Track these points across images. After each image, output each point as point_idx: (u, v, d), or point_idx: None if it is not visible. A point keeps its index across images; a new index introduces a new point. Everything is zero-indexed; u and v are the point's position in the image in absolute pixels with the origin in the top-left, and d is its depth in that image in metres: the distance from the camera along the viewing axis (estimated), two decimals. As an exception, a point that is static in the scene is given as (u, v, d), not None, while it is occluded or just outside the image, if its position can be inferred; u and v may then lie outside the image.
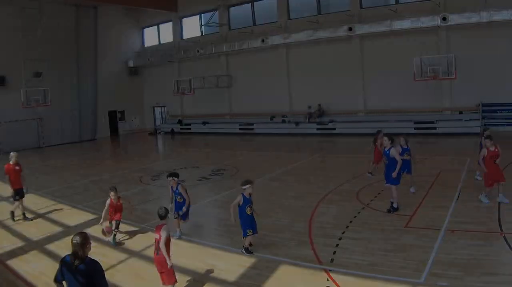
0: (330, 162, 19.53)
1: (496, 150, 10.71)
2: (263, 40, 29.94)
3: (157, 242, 6.70)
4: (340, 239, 9.11)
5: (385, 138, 10.94)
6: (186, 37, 37.38)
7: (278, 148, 24.53)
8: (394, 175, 10.50)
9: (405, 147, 12.31)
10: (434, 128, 25.20)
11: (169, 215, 7.37)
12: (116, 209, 9.93)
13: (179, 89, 34.26)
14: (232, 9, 34.36)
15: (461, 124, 24.35)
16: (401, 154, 11.31)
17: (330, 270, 7.55)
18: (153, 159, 24.78)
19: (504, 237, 8.42)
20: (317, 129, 29.28)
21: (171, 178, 9.70)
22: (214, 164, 19.30)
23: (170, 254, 6.68)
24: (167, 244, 6.69)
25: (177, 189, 9.65)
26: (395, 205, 10.61)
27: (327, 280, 7.25)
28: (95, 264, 5.05)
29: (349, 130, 27.44)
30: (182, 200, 9.65)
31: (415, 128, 25.52)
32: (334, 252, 8.41)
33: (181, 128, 36.75)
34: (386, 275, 7.22)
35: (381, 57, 27.37)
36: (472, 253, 7.84)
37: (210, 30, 35.46)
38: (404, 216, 10.20)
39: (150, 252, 7.70)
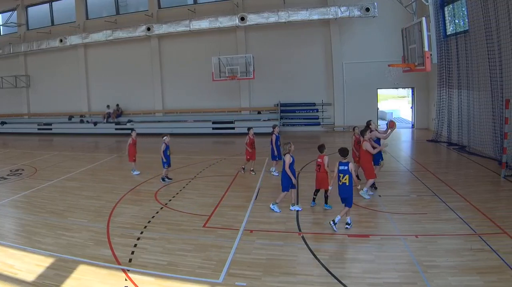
0: (128, 161, 18.70)
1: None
2: (61, 40, 29.23)
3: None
4: (139, 239, 8.99)
5: None
6: (-16, 38, 35.02)
7: (77, 148, 23.83)
8: None
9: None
10: (233, 128, 26.06)
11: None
12: None
13: (-23, 90, 32.34)
14: (30, 9, 33.19)
15: (259, 124, 25.16)
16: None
17: (128, 270, 7.48)
18: None
19: (303, 237, 8.71)
20: (116, 129, 28.69)
21: None
22: (12, 164, 18.76)
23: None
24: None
25: None
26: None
27: (125, 280, 7.16)
28: None
29: (147, 130, 26.68)
30: None
31: (213, 128, 26.27)
32: (133, 252, 8.28)
33: (-22, 129, 33.89)
34: (184, 275, 7.23)
35: (180, 57, 27.84)
36: (270, 253, 8.03)
37: (8, 30, 34.19)
38: (202, 216, 10.22)
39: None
